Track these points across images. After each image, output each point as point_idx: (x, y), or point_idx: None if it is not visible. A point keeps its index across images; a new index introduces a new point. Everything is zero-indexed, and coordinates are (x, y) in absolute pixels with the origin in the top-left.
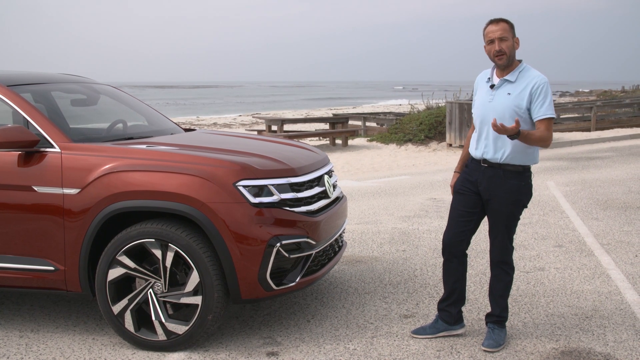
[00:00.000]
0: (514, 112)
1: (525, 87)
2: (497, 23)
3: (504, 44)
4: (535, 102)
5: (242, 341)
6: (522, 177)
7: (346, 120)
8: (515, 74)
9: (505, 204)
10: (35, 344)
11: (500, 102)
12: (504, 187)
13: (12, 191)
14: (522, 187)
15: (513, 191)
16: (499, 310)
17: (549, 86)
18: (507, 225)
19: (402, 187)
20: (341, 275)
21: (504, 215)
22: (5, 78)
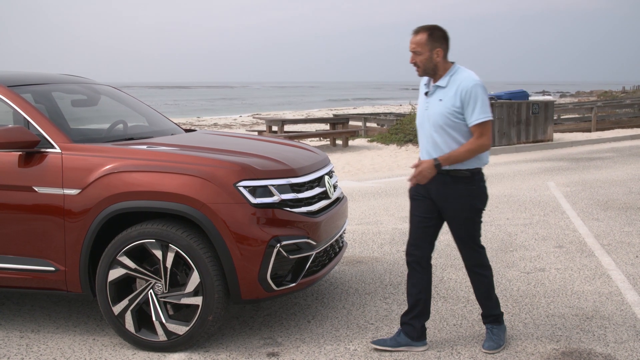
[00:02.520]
0: (447, 118)
1: (455, 92)
2: (415, 34)
3: (417, 58)
4: (466, 109)
5: (243, 342)
6: (471, 181)
7: (347, 121)
8: (446, 79)
9: (460, 210)
10: (35, 344)
11: (434, 111)
12: (454, 193)
13: (13, 191)
14: (473, 191)
15: (464, 196)
16: (489, 310)
17: (479, 88)
18: (468, 231)
19: (402, 187)
20: (342, 275)
21: (461, 222)
22: (5, 78)
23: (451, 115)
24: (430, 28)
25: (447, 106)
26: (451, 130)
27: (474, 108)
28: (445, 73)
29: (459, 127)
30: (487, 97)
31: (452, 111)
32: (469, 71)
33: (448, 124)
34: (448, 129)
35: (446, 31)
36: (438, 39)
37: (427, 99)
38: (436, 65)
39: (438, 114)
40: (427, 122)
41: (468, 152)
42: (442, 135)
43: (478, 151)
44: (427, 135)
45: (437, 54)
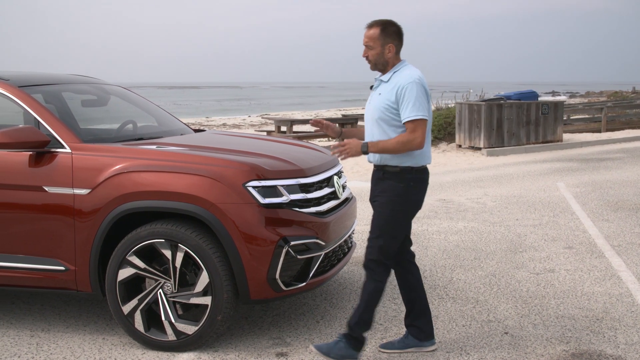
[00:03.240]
0: (382, 113)
1: (393, 87)
2: (368, 28)
3: (369, 52)
4: (401, 105)
5: (252, 342)
6: (401, 178)
7: (355, 121)
8: (389, 74)
9: (380, 204)
10: (46, 343)
11: (373, 103)
12: (381, 186)
13: (23, 191)
14: (399, 189)
15: (388, 190)
16: (353, 321)
17: (416, 86)
18: (379, 228)
19: None
20: (351, 276)
21: (376, 216)
22: (16, 79)
23: (386, 109)
24: (384, 23)
25: (383, 100)
26: (385, 124)
27: (407, 105)
28: (392, 68)
29: (392, 122)
30: (424, 96)
31: (387, 105)
32: (413, 69)
33: (382, 118)
34: (382, 123)
35: (400, 27)
36: (391, 34)
37: (372, 92)
38: (387, 61)
39: (376, 107)
40: (368, 114)
41: (397, 143)
42: (378, 128)
43: (407, 145)
44: (367, 128)
45: (388, 50)
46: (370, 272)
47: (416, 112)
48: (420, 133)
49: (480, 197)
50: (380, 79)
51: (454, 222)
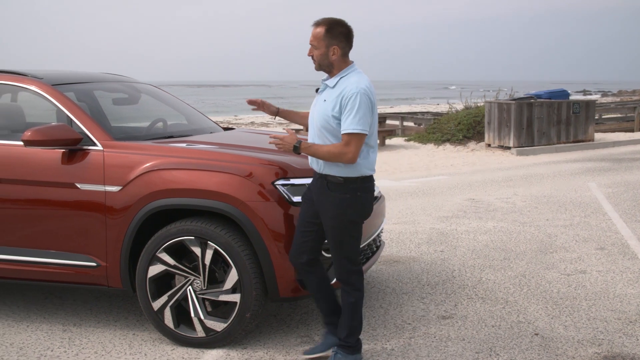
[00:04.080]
0: (326, 122)
1: (338, 95)
2: (315, 27)
3: (314, 52)
4: (343, 115)
5: (280, 339)
6: (345, 189)
7: (383, 120)
8: (336, 79)
9: (330, 217)
10: (78, 337)
11: (317, 109)
12: (327, 199)
13: (56, 188)
14: (346, 201)
15: (335, 204)
16: (343, 334)
17: (361, 97)
18: (338, 242)
19: (440, 187)
20: (379, 275)
21: (330, 230)
22: (49, 77)
23: (330, 119)
24: (330, 23)
25: (327, 109)
26: (327, 133)
27: (348, 116)
28: (339, 72)
29: (335, 132)
30: (367, 109)
31: (330, 115)
32: (362, 76)
33: (325, 127)
34: (325, 132)
35: (350, 28)
36: (337, 35)
37: (317, 95)
38: (332, 63)
39: (320, 114)
40: (312, 119)
41: (328, 153)
42: (320, 136)
43: (338, 157)
44: (310, 132)
45: (333, 52)
46: (348, 285)
47: (354, 126)
48: (354, 148)
49: (509, 197)
50: (326, 83)
51: (483, 221)
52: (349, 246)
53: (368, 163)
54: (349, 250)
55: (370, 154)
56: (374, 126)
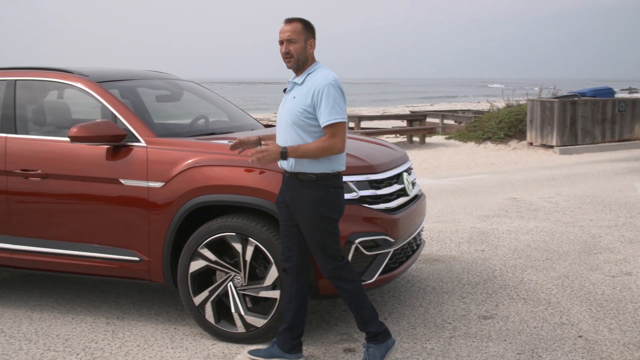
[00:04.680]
0: (298, 118)
1: (308, 90)
2: (289, 23)
3: (292, 46)
4: (318, 109)
5: (319, 336)
6: (319, 186)
7: (424, 118)
8: (304, 76)
9: (306, 216)
10: (120, 330)
11: (287, 108)
12: (301, 197)
13: (101, 183)
14: (320, 197)
15: (309, 201)
16: (362, 327)
17: (332, 88)
18: (317, 240)
19: (480, 186)
20: (419, 273)
21: (307, 229)
22: (95, 75)
23: (301, 114)
24: (304, 19)
25: (298, 104)
26: (300, 130)
27: (325, 108)
28: (306, 70)
29: (308, 128)
30: (341, 98)
31: (302, 110)
32: (328, 70)
33: (297, 123)
34: (297, 129)
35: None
36: (311, 30)
37: (285, 95)
38: (307, 57)
39: (290, 111)
40: (281, 118)
41: (317, 149)
42: (292, 134)
43: (328, 151)
44: (281, 133)
45: (310, 45)
46: (340, 282)
47: (335, 116)
48: (341, 137)
49: (552, 197)
50: (294, 81)
51: (524, 221)
52: (327, 243)
53: (340, 159)
54: (328, 247)
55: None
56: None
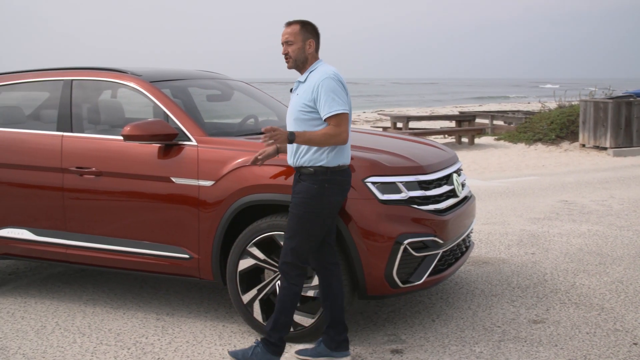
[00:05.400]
0: (300, 113)
1: (309, 86)
2: (288, 26)
3: (290, 48)
4: (319, 103)
5: (367, 337)
6: (314, 180)
7: (473, 119)
8: (306, 74)
9: (293, 204)
10: (170, 327)
11: (291, 104)
12: (297, 188)
13: (152, 181)
14: (312, 190)
15: (301, 192)
16: (268, 327)
17: (332, 81)
18: (292, 230)
19: (531, 187)
20: (467, 276)
21: (290, 216)
22: (148, 75)
23: (302, 109)
24: (303, 21)
25: (300, 100)
26: (303, 124)
27: (325, 101)
28: (309, 68)
29: (310, 122)
30: (342, 90)
31: (303, 105)
32: (328, 66)
33: (300, 117)
34: (300, 123)
35: (317, 27)
36: (311, 31)
37: (291, 95)
38: (307, 57)
39: (294, 108)
40: (288, 116)
41: (324, 135)
42: (296, 129)
43: (335, 138)
44: (288, 130)
45: (309, 45)
46: (284, 275)
47: (337, 107)
48: (344, 127)
49: (605, 200)
50: (299, 80)
51: (576, 224)
52: (301, 238)
53: (342, 155)
54: (300, 242)
55: (345, 146)
56: (350, 118)
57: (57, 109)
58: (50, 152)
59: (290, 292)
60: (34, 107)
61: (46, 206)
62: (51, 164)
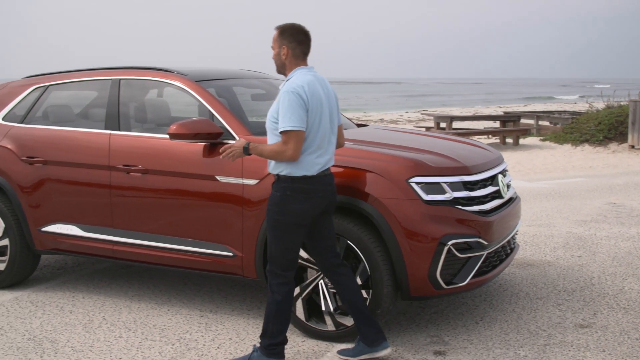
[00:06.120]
0: (269, 122)
1: (278, 96)
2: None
3: (272, 54)
4: (279, 115)
5: (409, 338)
6: (277, 187)
7: (518, 119)
8: (284, 82)
9: (266, 211)
10: (214, 324)
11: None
12: (269, 196)
13: (197, 180)
14: (275, 198)
15: (269, 200)
16: (261, 334)
17: (290, 95)
18: (271, 234)
19: (577, 189)
20: (512, 278)
21: (267, 222)
22: (193, 74)
23: (271, 118)
24: (283, 26)
25: (271, 110)
26: (271, 134)
27: (281, 115)
28: (287, 75)
29: (276, 132)
30: (299, 106)
31: (271, 115)
32: (301, 77)
33: (269, 127)
34: (270, 133)
35: (301, 31)
36: (287, 37)
37: None
38: (283, 63)
39: (267, 116)
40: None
41: (272, 151)
42: (269, 138)
43: (279, 155)
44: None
45: (283, 51)
46: (268, 283)
47: (286, 123)
48: (292, 145)
49: None
50: (279, 87)
51: (625, 227)
52: (275, 247)
53: (303, 164)
54: (274, 251)
55: (308, 155)
56: (316, 129)
57: (105, 107)
58: (98, 150)
59: (272, 300)
60: (83, 106)
61: (94, 203)
62: (99, 161)
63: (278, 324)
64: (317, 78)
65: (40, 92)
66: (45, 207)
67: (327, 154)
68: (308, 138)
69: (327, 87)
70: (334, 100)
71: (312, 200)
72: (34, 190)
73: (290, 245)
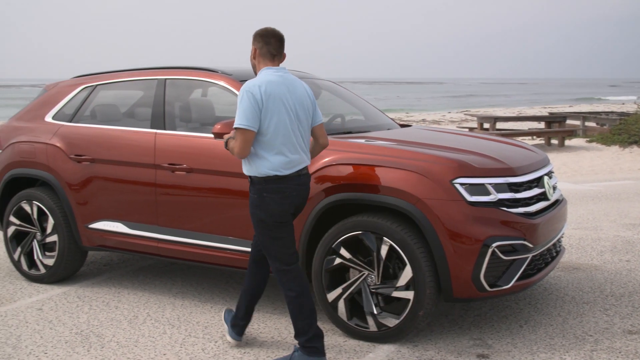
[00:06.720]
0: None
1: None
2: None
3: None
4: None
5: (452, 340)
6: (253, 189)
7: (564, 120)
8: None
9: (250, 214)
10: (256, 322)
11: None
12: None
13: (240, 179)
14: (254, 200)
15: (250, 202)
16: (295, 333)
17: (244, 94)
18: (262, 236)
19: (625, 192)
20: (557, 281)
21: (254, 225)
22: (238, 74)
23: None
24: (257, 30)
25: None
26: None
27: (236, 113)
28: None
29: None
30: (250, 106)
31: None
32: (263, 77)
33: None
34: None
35: (268, 33)
36: (257, 39)
37: None
38: (253, 64)
39: None
40: None
41: (232, 148)
42: None
43: (232, 152)
44: None
45: (252, 52)
46: (281, 285)
47: (237, 121)
48: (238, 143)
49: None
50: None
51: None
52: (271, 246)
53: (270, 164)
54: (271, 249)
55: (273, 156)
56: (273, 129)
57: (151, 107)
58: (144, 148)
59: (289, 299)
60: (130, 105)
61: (139, 201)
62: (145, 160)
63: (304, 319)
64: (284, 78)
65: (89, 92)
66: (92, 205)
67: (295, 154)
68: (265, 138)
69: (296, 87)
70: (307, 101)
71: (289, 199)
72: (81, 188)
73: (285, 241)
